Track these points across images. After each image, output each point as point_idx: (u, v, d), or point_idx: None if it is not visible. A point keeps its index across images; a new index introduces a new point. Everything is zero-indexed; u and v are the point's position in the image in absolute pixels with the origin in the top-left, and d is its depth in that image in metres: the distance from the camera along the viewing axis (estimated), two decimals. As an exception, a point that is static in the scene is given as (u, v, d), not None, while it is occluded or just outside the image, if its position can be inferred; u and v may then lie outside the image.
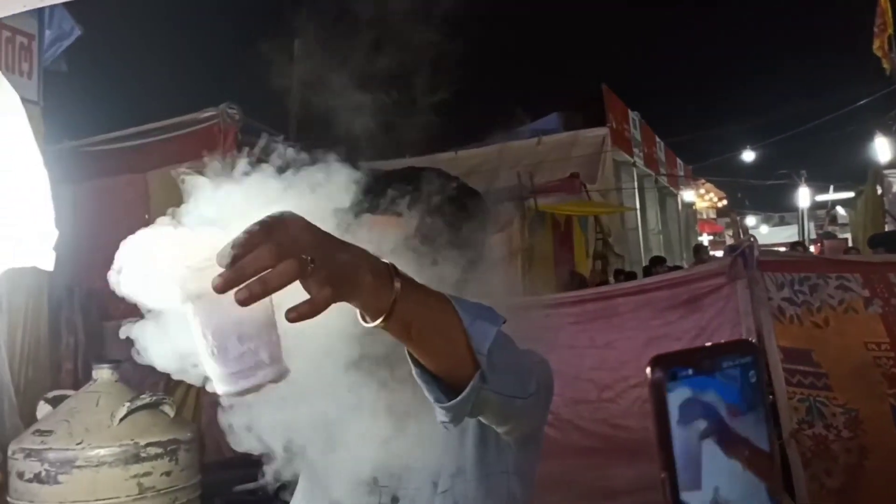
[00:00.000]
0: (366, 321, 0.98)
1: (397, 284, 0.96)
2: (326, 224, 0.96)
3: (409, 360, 1.04)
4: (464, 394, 1.04)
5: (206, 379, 0.95)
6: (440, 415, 1.09)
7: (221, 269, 0.83)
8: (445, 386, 1.06)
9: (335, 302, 0.89)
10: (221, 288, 0.82)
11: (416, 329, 0.99)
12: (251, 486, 3.82)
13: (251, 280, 0.82)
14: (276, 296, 0.88)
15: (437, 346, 1.02)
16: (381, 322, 0.96)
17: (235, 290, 0.83)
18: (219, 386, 0.91)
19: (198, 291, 0.86)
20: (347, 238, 0.97)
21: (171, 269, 0.89)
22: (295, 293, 0.87)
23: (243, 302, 0.82)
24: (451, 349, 1.03)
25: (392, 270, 0.97)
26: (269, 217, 0.85)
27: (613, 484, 4.14)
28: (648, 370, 0.47)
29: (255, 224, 0.84)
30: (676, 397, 0.47)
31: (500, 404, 1.13)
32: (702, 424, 0.49)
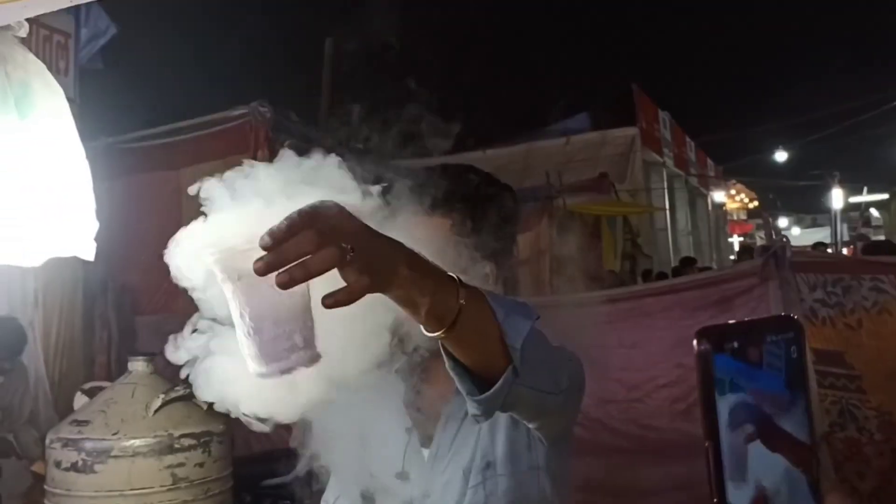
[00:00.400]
0: (427, 331, 0.99)
1: (462, 299, 0.97)
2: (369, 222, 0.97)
3: (443, 353, 1.05)
4: (496, 387, 1.04)
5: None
6: (472, 408, 1.09)
7: (262, 253, 0.84)
8: (478, 379, 1.07)
9: (371, 291, 0.90)
10: (263, 270, 0.83)
11: (458, 327, 1.00)
12: (278, 480, 3.86)
13: (292, 265, 0.84)
14: (312, 282, 0.90)
15: (471, 339, 1.03)
16: (442, 333, 0.98)
17: (275, 273, 0.84)
18: (252, 366, 0.92)
19: (238, 272, 0.88)
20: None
21: (215, 251, 0.91)
22: (330, 282, 0.89)
23: (283, 285, 0.83)
24: (485, 343, 1.03)
25: (458, 282, 0.98)
26: (309, 206, 0.87)
27: (642, 484, 4.12)
28: (694, 342, 0.48)
29: (297, 212, 0.85)
30: (722, 369, 0.48)
31: (533, 399, 1.14)
32: (748, 427, 0.50)
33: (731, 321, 0.50)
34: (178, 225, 1.02)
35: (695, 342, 0.47)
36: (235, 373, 0.99)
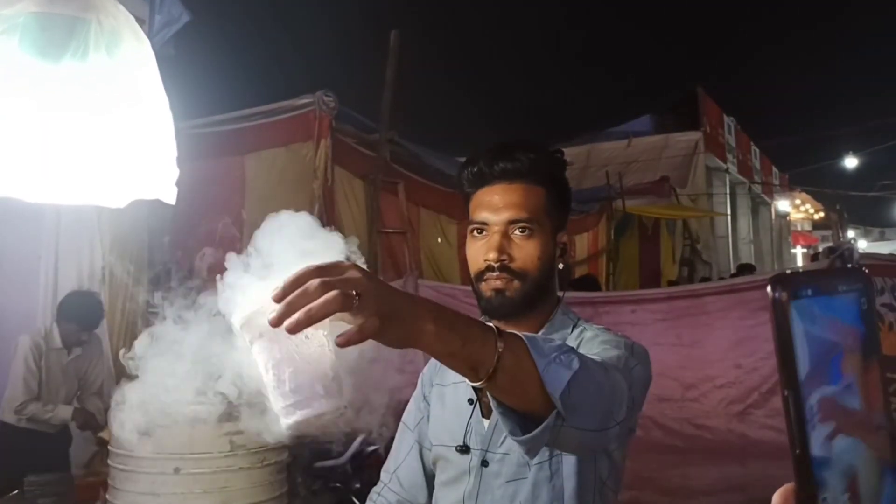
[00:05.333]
0: (470, 381, 1.00)
1: (501, 346, 0.97)
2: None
3: (488, 395, 1.05)
4: (536, 432, 1.03)
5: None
6: (517, 445, 1.09)
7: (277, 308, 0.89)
8: (525, 418, 1.05)
9: (393, 339, 0.92)
10: (275, 322, 0.88)
11: (498, 377, 0.99)
12: (330, 463, 3.91)
13: (299, 311, 0.87)
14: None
15: (511, 388, 1.02)
16: (482, 383, 0.98)
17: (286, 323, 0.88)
18: (281, 420, 0.96)
19: (259, 330, 0.94)
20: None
21: (240, 317, 0.97)
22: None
23: (291, 330, 0.87)
24: (526, 389, 1.02)
25: (496, 332, 0.99)
26: (319, 264, 0.91)
27: (694, 483, 4.06)
28: (769, 289, 0.47)
29: (305, 267, 0.90)
30: (799, 315, 0.46)
31: (582, 438, 1.11)
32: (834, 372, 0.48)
33: (800, 271, 0.49)
34: (241, 209, 1.05)
35: (769, 289, 0.46)
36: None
